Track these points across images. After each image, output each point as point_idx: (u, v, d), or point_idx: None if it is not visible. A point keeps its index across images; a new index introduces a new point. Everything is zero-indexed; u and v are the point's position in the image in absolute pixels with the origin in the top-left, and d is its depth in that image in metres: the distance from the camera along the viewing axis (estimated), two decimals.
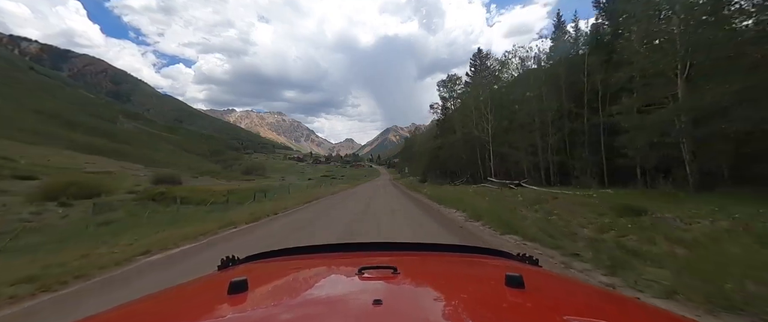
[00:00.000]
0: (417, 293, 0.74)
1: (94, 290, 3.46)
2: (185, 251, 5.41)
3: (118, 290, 3.46)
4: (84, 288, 3.53)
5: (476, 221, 7.81)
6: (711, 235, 4.80)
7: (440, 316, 0.58)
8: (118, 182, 32.85)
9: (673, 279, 2.89)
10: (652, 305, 0.82)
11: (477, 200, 11.13)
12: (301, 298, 0.73)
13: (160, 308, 0.73)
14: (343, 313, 0.59)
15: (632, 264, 3.45)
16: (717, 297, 2.48)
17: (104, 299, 3.11)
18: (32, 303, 3.09)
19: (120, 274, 4.05)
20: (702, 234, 4.92)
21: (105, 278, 3.85)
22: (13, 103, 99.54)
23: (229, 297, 0.63)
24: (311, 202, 16.37)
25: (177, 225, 7.97)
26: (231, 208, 14.46)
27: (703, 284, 2.67)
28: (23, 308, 2.98)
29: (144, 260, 4.73)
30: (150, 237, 6.18)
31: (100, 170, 49.22)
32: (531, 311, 0.62)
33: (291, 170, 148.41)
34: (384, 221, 8.35)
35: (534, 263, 1.15)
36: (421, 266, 1.05)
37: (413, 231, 7.02)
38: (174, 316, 0.66)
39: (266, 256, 1.16)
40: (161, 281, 3.25)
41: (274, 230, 7.86)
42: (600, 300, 0.83)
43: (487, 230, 6.65)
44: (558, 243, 4.71)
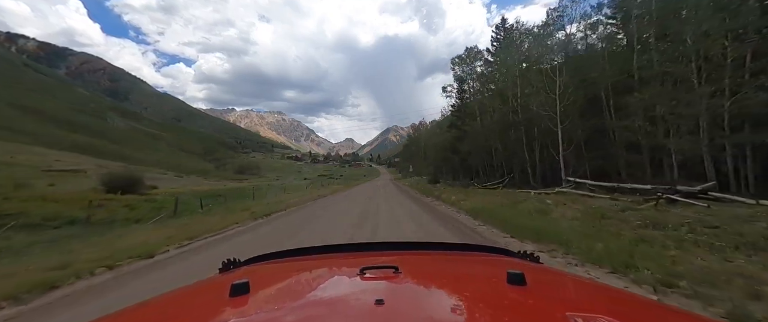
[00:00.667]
0: (419, 292, 0.73)
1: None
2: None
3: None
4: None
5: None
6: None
7: (443, 314, 0.59)
8: (65, 182, 27.25)
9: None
10: (656, 300, 0.78)
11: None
12: (303, 299, 0.72)
13: (162, 312, 0.73)
14: (346, 313, 0.59)
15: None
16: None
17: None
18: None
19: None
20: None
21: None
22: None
23: (231, 300, 0.63)
24: (271, 215, 11.10)
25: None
26: (130, 231, 9.01)
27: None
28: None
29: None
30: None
31: (67, 168, 44.26)
32: (533, 308, 0.62)
33: (288, 170, 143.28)
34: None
35: (535, 260, 1.13)
36: (423, 265, 1.04)
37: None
38: (176, 319, 0.66)
39: (268, 257, 1.15)
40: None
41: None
42: (602, 296, 0.82)
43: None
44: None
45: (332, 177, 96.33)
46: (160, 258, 5.26)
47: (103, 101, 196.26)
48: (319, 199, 18.94)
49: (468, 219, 8.59)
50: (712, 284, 2.98)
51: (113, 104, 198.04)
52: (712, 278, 3.08)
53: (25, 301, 3.40)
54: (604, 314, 0.57)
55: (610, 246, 4.27)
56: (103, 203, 17.45)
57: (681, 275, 3.22)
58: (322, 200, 17.94)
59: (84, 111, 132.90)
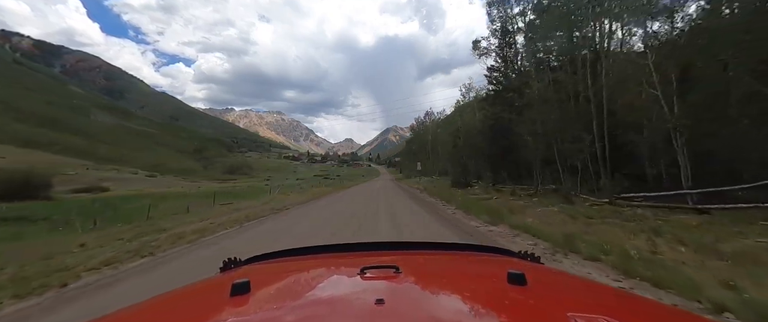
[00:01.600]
0: (419, 292, 0.73)
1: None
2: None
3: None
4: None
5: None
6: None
7: (443, 314, 0.59)
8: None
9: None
10: (656, 300, 0.72)
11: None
12: (303, 298, 0.72)
13: (162, 311, 0.73)
14: (346, 313, 0.59)
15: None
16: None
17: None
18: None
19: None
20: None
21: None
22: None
23: (232, 299, 0.63)
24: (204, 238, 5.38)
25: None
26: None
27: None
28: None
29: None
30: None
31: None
32: (534, 308, 0.62)
33: (283, 169, 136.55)
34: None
35: (536, 260, 1.12)
36: (424, 264, 1.04)
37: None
38: (177, 319, 0.67)
39: (268, 257, 1.14)
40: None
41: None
42: (602, 296, 0.82)
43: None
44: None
45: (328, 177, 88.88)
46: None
47: (95, 99, 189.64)
48: (307, 203, 14.36)
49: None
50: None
51: (104, 102, 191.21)
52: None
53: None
54: (605, 315, 0.58)
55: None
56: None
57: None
58: (292, 212, 11.51)
59: (64, 106, 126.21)
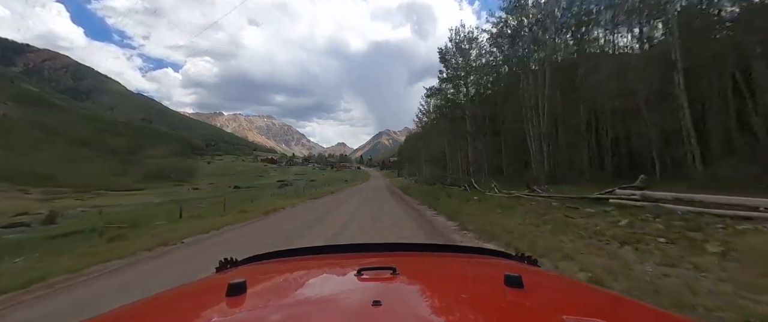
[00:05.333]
0: (416, 293, 0.72)
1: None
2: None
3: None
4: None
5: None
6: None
7: (440, 316, 0.59)
8: None
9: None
10: (651, 305, 0.78)
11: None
12: (299, 299, 0.71)
13: (158, 311, 0.72)
14: (342, 314, 0.58)
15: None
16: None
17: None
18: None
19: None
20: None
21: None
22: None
23: (228, 299, 0.62)
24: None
25: None
26: None
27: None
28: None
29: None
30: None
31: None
32: (530, 310, 0.61)
33: (246, 174, 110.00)
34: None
35: (533, 262, 1.11)
36: (420, 266, 1.03)
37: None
38: (172, 319, 0.66)
39: (265, 257, 1.13)
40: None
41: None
42: (599, 300, 0.81)
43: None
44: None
45: (288, 185, 61.99)
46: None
47: (39, 95, 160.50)
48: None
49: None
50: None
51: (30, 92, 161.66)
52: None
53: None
54: (601, 318, 0.56)
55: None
56: None
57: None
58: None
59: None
